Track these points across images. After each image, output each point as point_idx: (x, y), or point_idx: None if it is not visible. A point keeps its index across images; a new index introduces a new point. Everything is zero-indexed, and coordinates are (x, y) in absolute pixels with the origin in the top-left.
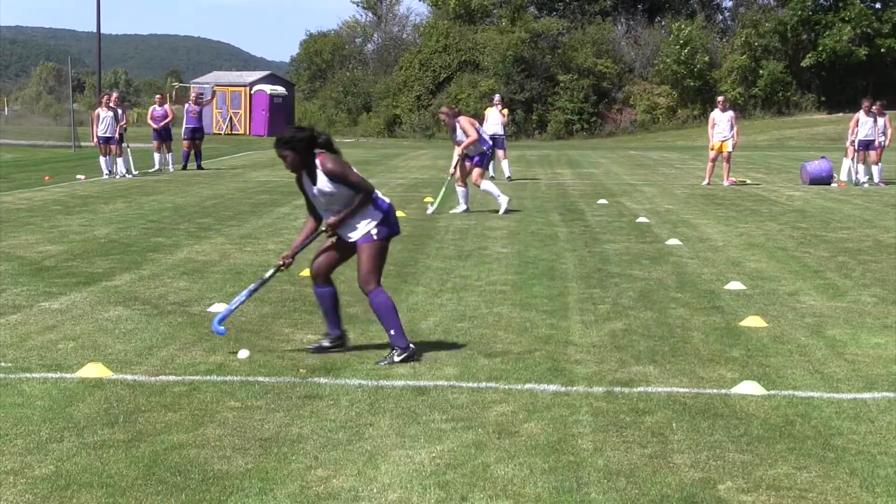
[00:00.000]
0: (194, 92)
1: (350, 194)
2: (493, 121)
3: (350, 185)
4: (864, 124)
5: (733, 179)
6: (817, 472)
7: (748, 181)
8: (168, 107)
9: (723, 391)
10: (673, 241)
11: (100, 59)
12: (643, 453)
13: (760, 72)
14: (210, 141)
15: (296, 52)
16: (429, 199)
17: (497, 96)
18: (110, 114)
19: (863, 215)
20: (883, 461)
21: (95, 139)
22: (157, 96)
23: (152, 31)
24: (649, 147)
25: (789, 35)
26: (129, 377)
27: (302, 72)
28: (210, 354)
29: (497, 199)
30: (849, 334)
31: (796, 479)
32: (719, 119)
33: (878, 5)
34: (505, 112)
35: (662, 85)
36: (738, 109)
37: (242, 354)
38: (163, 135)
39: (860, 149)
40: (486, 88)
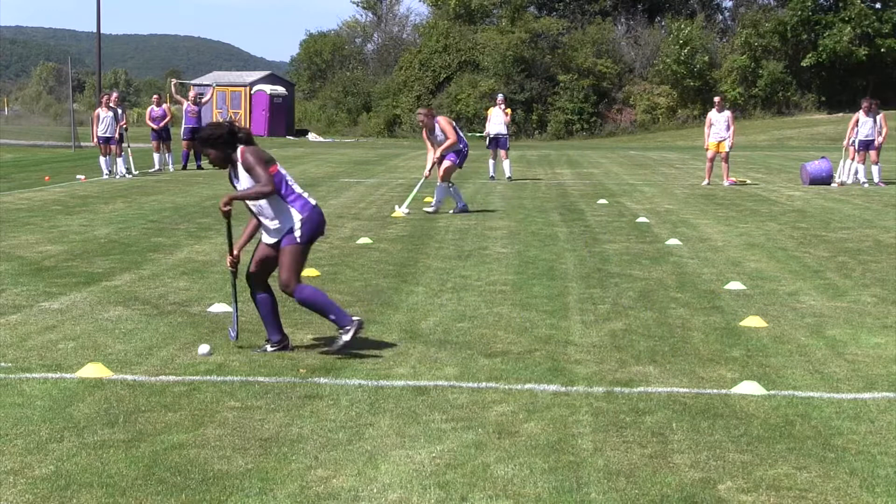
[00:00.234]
0: (193, 91)
1: (274, 201)
2: (497, 120)
3: (252, 175)
4: (865, 124)
5: (733, 179)
6: (817, 472)
7: (748, 181)
8: (166, 106)
9: (723, 391)
10: (673, 241)
11: (100, 59)
12: (643, 453)
13: (760, 72)
14: None
15: (296, 52)
16: (429, 199)
17: (500, 96)
18: (110, 114)
19: (863, 215)
20: (883, 461)
21: (95, 139)
22: (154, 97)
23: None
24: (649, 147)
25: (789, 35)
26: (129, 377)
27: (302, 72)
28: (210, 354)
29: (438, 205)
30: (849, 334)
31: (796, 479)
32: (716, 119)
33: (878, 5)
34: (508, 112)
35: (662, 85)
36: (738, 109)
37: (203, 350)
38: (162, 135)
39: (860, 149)
40: (486, 88)
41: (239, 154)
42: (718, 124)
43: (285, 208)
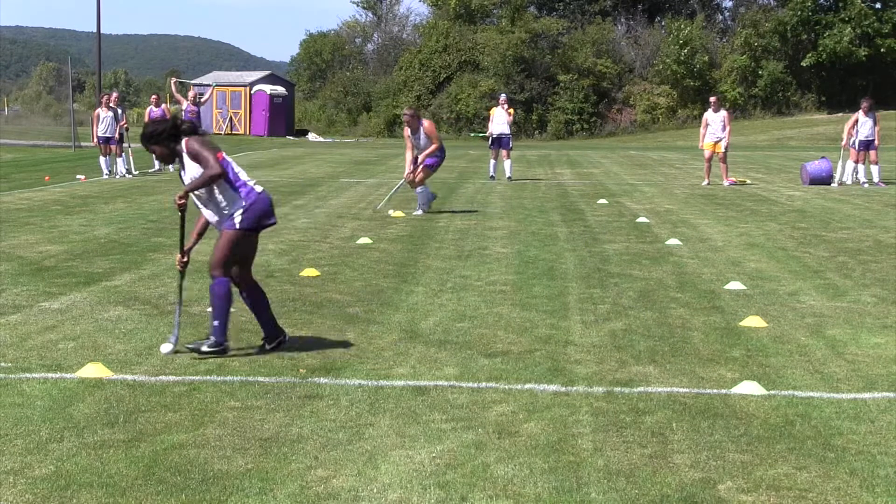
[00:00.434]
0: (193, 91)
1: (222, 187)
2: (499, 120)
3: (199, 161)
4: (864, 124)
5: (733, 179)
6: (817, 472)
7: (748, 181)
8: (165, 107)
9: (723, 391)
10: (673, 241)
11: (100, 59)
12: (643, 453)
13: (760, 72)
14: None
15: (296, 52)
16: None
17: (503, 96)
18: (110, 114)
19: (863, 215)
20: (883, 461)
21: (95, 139)
22: (153, 97)
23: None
24: (649, 147)
25: (789, 35)
26: (129, 377)
27: (302, 72)
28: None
29: (421, 207)
30: (849, 334)
31: (796, 479)
32: (712, 119)
33: (878, 5)
34: (511, 111)
35: (662, 85)
36: (738, 109)
37: (164, 348)
38: None
39: (861, 149)
40: (486, 88)
41: (183, 144)
42: (715, 124)
43: (231, 195)
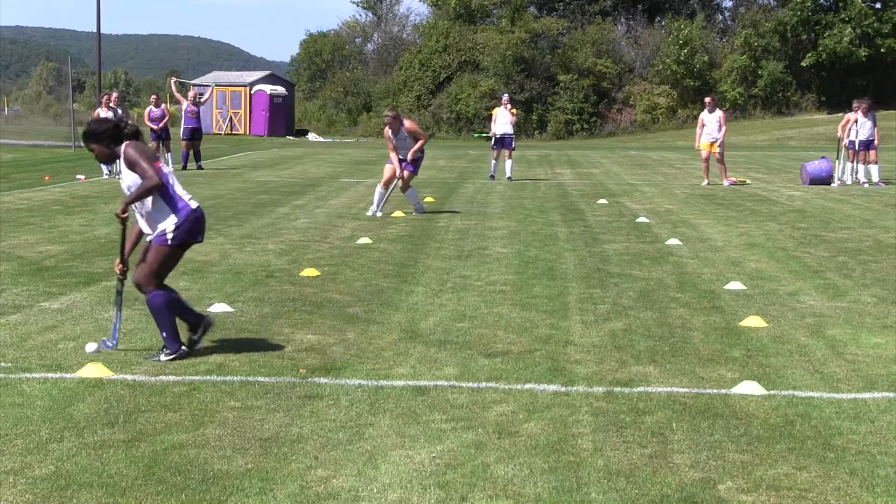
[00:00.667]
0: (193, 91)
1: (156, 201)
2: (502, 120)
3: (136, 170)
4: (864, 125)
5: (733, 179)
6: (817, 472)
7: (748, 181)
8: (165, 107)
9: (723, 391)
10: (673, 241)
11: (100, 59)
12: (643, 453)
13: (760, 72)
14: (210, 141)
15: (296, 52)
16: (430, 199)
17: (506, 96)
18: (110, 114)
19: (863, 215)
20: (883, 461)
21: None
22: (152, 97)
23: (152, 31)
24: (649, 147)
25: (789, 35)
26: (129, 377)
27: (302, 72)
28: (210, 354)
29: (415, 207)
30: (849, 334)
31: (796, 479)
32: (708, 120)
33: (878, 5)
34: (514, 111)
35: (662, 85)
36: (738, 109)
37: (90, 348)
38: (161, 135)
39: (860, 149)
40: (486, 88)
41: (122, 149)
42: (710, 125)
43: (166, 210)
